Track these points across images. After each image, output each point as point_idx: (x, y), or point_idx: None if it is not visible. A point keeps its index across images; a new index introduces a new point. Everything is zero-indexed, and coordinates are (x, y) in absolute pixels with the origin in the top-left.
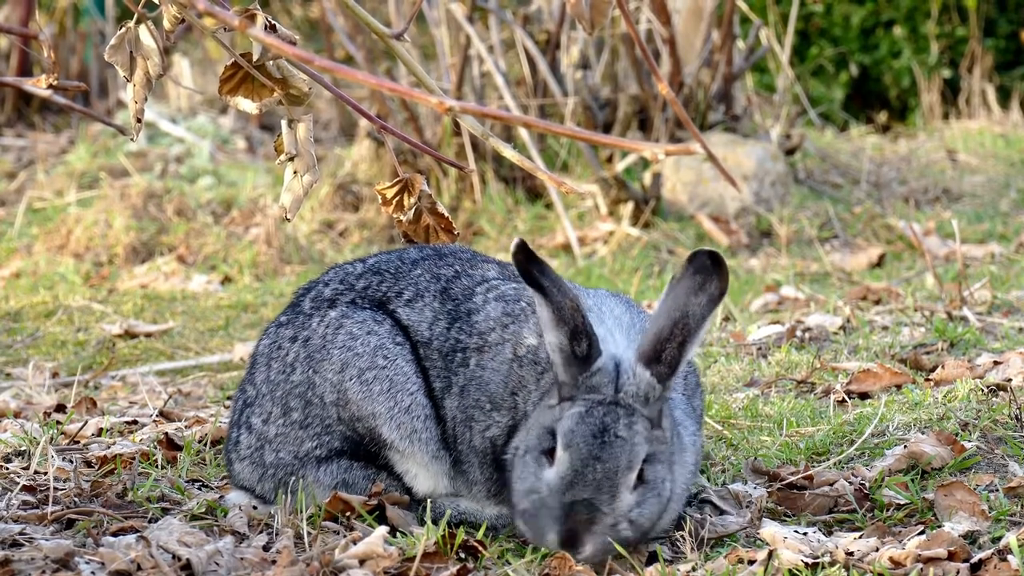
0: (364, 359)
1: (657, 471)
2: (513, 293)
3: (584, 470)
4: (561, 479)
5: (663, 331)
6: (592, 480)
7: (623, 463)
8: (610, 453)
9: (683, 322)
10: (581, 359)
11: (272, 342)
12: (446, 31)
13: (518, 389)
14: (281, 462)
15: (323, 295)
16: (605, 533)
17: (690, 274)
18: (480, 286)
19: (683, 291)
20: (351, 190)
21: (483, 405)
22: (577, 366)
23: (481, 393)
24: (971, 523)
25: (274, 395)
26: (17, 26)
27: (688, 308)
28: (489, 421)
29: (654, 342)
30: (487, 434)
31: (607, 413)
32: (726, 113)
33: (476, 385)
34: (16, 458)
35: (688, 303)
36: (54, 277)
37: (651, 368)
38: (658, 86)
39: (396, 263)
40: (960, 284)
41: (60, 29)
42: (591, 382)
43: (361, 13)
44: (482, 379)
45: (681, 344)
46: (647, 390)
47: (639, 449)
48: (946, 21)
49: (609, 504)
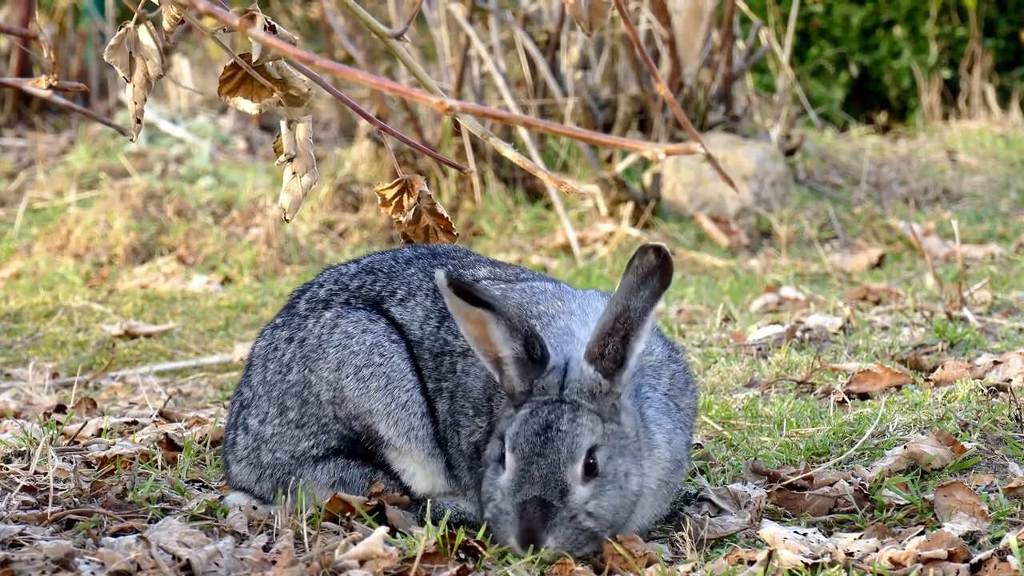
0: (360, 357)
1: (616, 464)
2: (499, 294)
3: (529, 468)
4: (510, 481)
5: (606, 327)
6: (539, 477)
7: (564, 455)
8: (551, 448)
9: (624, 316)
10: (536, 362)
11: (268, 344)
12: (446, 31)
13: (493, 394)
14: (278, 462)
15: (318, 296)
16: (565, 526)
17: (634, 269)
18: None
19: (627, 286)
20: (351, 190)
21: (467, 411)
22: (533, 370)
23: (465, 400)
24: (971, 523)
25: (270, 395)
26: (17, 26)
27: (629, 302)
28: (473, 426)
29: (598, 338)
30: (472, 439)
31: (551, 411)
32: (726, 113)
33: (461, 391)
34: (16, 458)
35: (630, 297)
36: (54, 277)
37: (596, 364)
38: (657, 87)
39: (390, 263)
40: (960, 284)
41: (60, 29)
42: (543, 383)
43: (361, 13)
44: (466, 385)
45: (624, 338)
46: (591, 386)
47: (581, 440)
48: (946, 21)
49: (560, 499)
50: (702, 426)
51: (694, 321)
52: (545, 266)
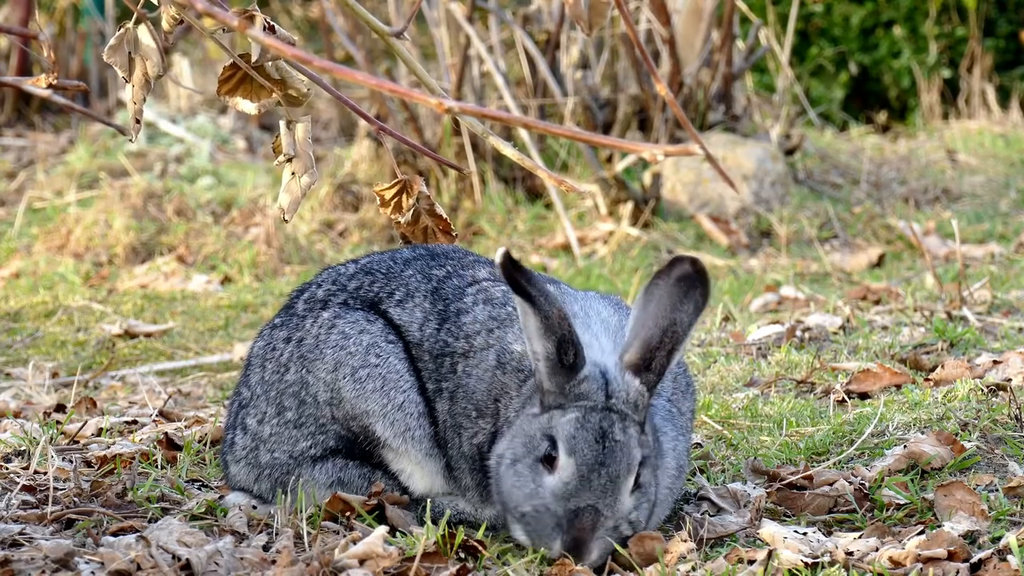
0: (357, 357)
1: (645, 475)
2: (501, 296)
3: (590, 475)
4: (566, 485)
5: (652, 339)
6: (597, 486)
7: (623, 467)
8: (612, 458)
9: (672, 330)
10: (567, 368)
11: (266, 344)
12: (446, 31)
13: (500, 395)
14: (276, 462)
15: (316, 296)
16: (608, 535)
17: (673, 281)
18: (471, 287)
19: (668, 299)
20: (351, 190)
21: (469, 413)
22: (563, 375)
23: (467, 401)
24: (971, 523)
25: (268, 395)
26: (17, 26)
27: (675, 316)
28: (475, 428)
29: (643, 350)
30: (474, 441)
31: (603, 419)
32: (726, 113)
33: (463, 393)
34: (16, 458)
35: (675, 311)
36: (54, 277)
37: (640, 376)
38: (657, 87)
39: (388, 263)
40: (960, 284)
41: (60, 29)
42: (579, 390)
43: (361, 12)
44: (468, 387)
45: (670, 352)
46: (636, 397)
47: (636, 453)
48: (946, 21)
49: (611, 508)
50: (702, 426)
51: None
52: (545, 266)
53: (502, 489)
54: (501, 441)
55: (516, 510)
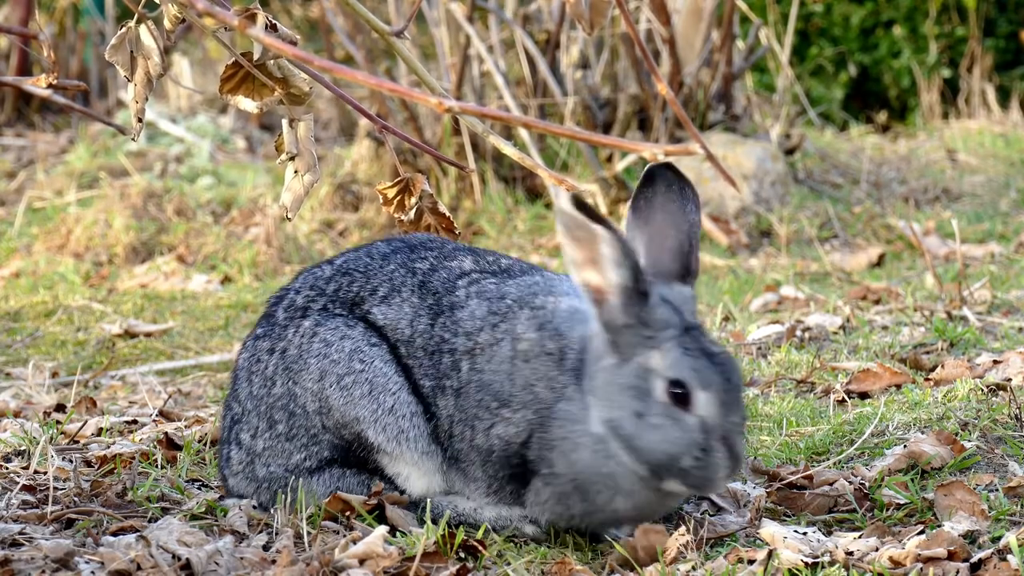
0: (341, 365)
1: None
2: (494, 289)
3: (727, 399)
4: (713, 416)
5: (683, 245)
6: (734, 403)
7: (739, 374)
8: (734, 372)
9: (691, 231)
10: (642, 295)
11: (251, 355)
12: (446, 31)
13: (536, 381)
14: (273, 476)
15: (296, 303)
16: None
17: (664, 190)
18: (461, 279)
19: (670, 205)
20: (351, 190)
21: (488, 404)
22: (639, 303)
23: (484, 393)
24: (971, 523)
25: (258, 409)
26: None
27: (687, 217)
28: (495, 419)
29: (679, 258)
30: (495, 431)
31: (695, 338)
32: (726, 113)
33: (476, 387)
34: (16, 458)
35: (684, 213)
36: (54, 277)
37: (689, 281)
38: (658, 86)
39: (365, 261)
40: (960, 284)
41: (60, 29)
42: (656, 316)
43: (361, 11)
44: (481, 380)
45: (697, 252)
46: (694, 303)
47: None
48: (946, 21)
49: (743, 415)
50: None
51: None
52: (545, 265)
53: (641, 447)
54: (593, 409)
55: (675, 463)
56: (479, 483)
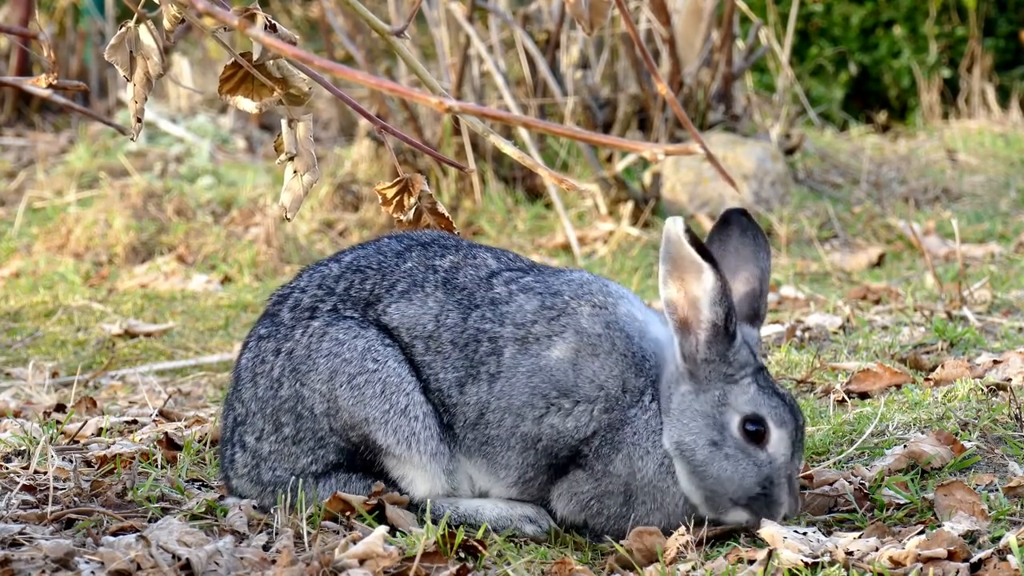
0: (353, 364)
1: None
2: (539, 286)
3: (797, 439)
4: (783, 456)
5: (754, 290)
6: (801, 446)
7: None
8: (800, 414)
9: (762, 277)
10: (730, 336)
11: (255, 356)
12: (446, 31)
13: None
14: (279, 480)
15: (302, 303)
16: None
17: (739, 234)
18: (496, 277)
19: (744, 250)
20: (351, 190)
21: (543, 391)
22: (725, 343)
23: (538, 379)
24: (971, 523)
25: (264, 412)
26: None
27: (759, 263)
28: (550, 407)
29: (751, 301)
30: (548, 420)
31: (766, 378)
32: (726, 113)
33: (526, 372)
34: (16, 458)
35: (757, 259)
36: (54, 277)
37: (754, 325)
38: (658, 86)
39: (378, 258)
40: (960, 284)
41: (60, 29)
42: (740, 356)
43: (362, 10)
44: (535, 366)
45: (767, 298)
46: (759, 346)
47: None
48: (946, 21)
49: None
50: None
51: None
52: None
53: (712, 475)
54: (667, 430)
55: (742, 494)
56: (510, 471)
